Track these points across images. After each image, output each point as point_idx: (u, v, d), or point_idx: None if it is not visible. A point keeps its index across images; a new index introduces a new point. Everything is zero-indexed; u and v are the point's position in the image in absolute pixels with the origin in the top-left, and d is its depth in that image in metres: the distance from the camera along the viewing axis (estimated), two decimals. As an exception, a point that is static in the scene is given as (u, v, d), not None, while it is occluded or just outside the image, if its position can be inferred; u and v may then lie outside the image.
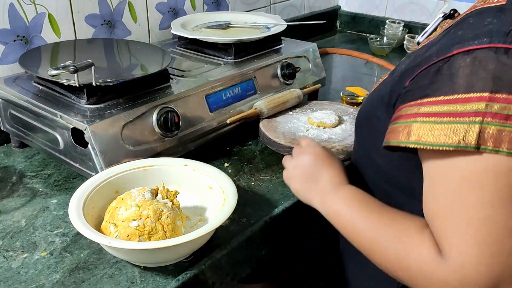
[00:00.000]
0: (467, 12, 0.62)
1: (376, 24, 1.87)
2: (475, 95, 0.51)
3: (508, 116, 0.50)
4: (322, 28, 1.88)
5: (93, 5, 1.12)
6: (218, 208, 0.70)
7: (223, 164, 0.94)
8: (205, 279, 0.68)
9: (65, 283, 0.64)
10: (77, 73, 0.79)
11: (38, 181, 0.88)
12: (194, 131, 0.91)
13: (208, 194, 0.76)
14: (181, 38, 1.18)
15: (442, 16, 0.75)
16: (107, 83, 0.84)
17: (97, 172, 0.79)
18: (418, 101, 0.56)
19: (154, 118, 0.85)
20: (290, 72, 1.10)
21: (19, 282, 0.64)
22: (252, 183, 0.88)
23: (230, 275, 0.74)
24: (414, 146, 0.54)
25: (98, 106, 0.83)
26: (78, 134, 0.80)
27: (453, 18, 0.73)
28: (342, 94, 1.24)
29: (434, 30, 0.75)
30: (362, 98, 1.22)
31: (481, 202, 0.51)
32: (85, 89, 0.82)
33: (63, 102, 0.85)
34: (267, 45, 1.16)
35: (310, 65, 1.19)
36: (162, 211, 0.66)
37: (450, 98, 0.53)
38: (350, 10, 1.96)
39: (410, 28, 1.78)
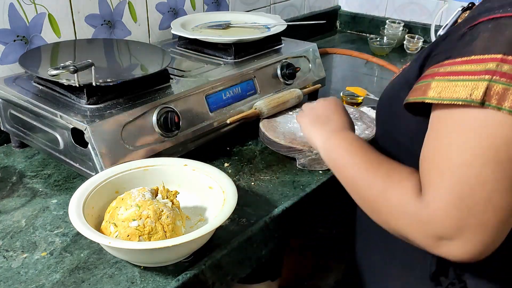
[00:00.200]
0: None
1: (376, 24, 1.87)
2: (489, 56, 0.54)
3: None
4: (322, 28, 1.88)
5: (93, 5, 1.12)
6: (218, 208, 0.70)
7: (223, 164, 0.94)
8: (205, 279, 0.68)
9: (65, 283, 0.64)
10: (77, 73, 0.79)
11: (38, 181, 0.88)
12: (194, 131, 0.91)
13: (208, 194, 0.76)
14: (181, 38, 1.18)
15: (461, 9, 0.78)
16: (107, 83, 0.84)
17: (97, 172, 0.79)
18: (439, 63, 0.59)
19: (154, 118, 0.85)
20: (290, 72, 1.10)
21: (19, 282, 0.64)
22: (252, 183, 0.88)
23: (230, 275, 0.74)
24: (428, 101, 0.57)
25: (98, 106, 0.83)
26: (78, 134, 0.80)
27: (471, 9, 0.76)
28: (342, 94, 1.24)
29: (454, 22, 0.77)
30: (362, 98, 1.22)
31: (466, 148, 0.54)
32: (85, 89, 0.82)
33: (63, 102, 0.85)
34: (267, 45, 1.16)
35: (310, 65, 1.19)
36: (162, 211, 0.66)
37: (467, 59, 0.56)
38: (350, 10, 1.96)
39: (410, 28, 1.78)
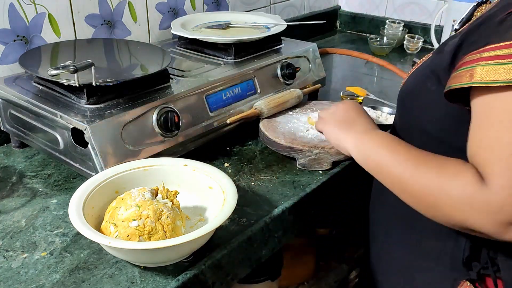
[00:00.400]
0: None
1: (376, 24, 1.87)
2: None
3: None
4: (322, 28, 1.88)
5: (93, 5, 1.12)
6: (218, 208, 0.70)
7: (223, 164, 0.94)
8: (205, 279, 0.68)
9: (65, 283, 0.64)
10: (77, 73, 0.79)
11: (38, 181, 0.88)
12: (194, 131, 0.91)
13: (208, 194, 0.76)
14: (181, 38, 1.18)
15: (475, 4, 0.79)
16: (107, 83, 0.84)
17: (97, 172, 0.79)
18: (480, 49, 0.60)
19: (154, 118, 0.85)
20: (290, 72, 1.10)
21: (19, 282, 0.64)
22: (252, 183, 0.88)
23: (230, 275, 0.74)
24: (477, 85, 0.58)
25: (98, 106, 0.83)
26: (78, 134, 0.80)
27: (486, 2, 0.78)
28: (342, 94, 1.24)
29: (470, 16, 0.79)
30: (362, 98, 1.22)
31: None
32: (85, 89, 0.82)
33: (63, 102, 0.85)
34: (267, 45, 1.16)
35: (310, 65, 1.19)
36: (162, 211, 0.66)
37: (511, 43, 0.57)
38: (350, 10, 1.96)
39: (410, 28, 1.79)
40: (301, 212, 0.85)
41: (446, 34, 1.59)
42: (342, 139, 0.81)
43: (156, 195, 0.70)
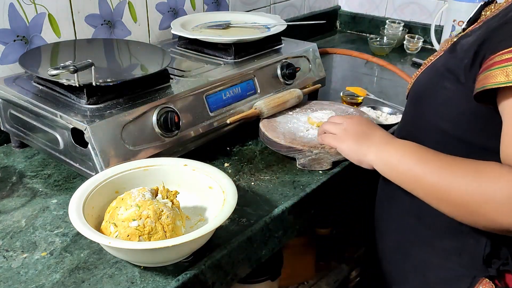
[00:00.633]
0: None
1: (376, 24, 1.87)
2: None
3: None
4: (322, 28, 1.88)
5: (93, 5, 1.12)
6: (218, 208, 0.70)
7: (223, 164, 0.94)
8: (205, 279, 0.68)
9: (65, 283, 0.64)
10: (77, 73, 0.79)
11: (38, 181, 0.88)
12: (194, 131, 0.91)
13: (208, 194, 0.76)
14: (181, 38, 1.18)
15: (482, 3, 0.79)
16: (107, 83, 0.84)
17: (97, 172, 0.79)
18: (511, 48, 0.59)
19: (154, 118, 0.85)
20: (290, 72, 1.10)
21: (19, 282, 0.64)
22: (252, 183, 0.88)
23: (230, 275, 0.74)
24: None
25: (98, 106, 0.83)
26: (78, 134, 0.80)
27: (493, 2, 0.78)
28: (342, 94, 1.24)
29: (478, 15, 0.78)
30: (362, 98, 1.22)
31: None
32: (85, 89, 0.82)
33: (63, 102, 0.85)
34: (267, 45, 1.16)
35: (310, 65, 1.19)
36: (162, 211, 0.66)
37: None
38: (350, 10, 1.96)
39: (410, 28, 1.79)
40: (301, 212, 0.85)
41: (446, 34, 1.59)
42: (362, 154, 0.79)
43: (156, 195, 0.70)
